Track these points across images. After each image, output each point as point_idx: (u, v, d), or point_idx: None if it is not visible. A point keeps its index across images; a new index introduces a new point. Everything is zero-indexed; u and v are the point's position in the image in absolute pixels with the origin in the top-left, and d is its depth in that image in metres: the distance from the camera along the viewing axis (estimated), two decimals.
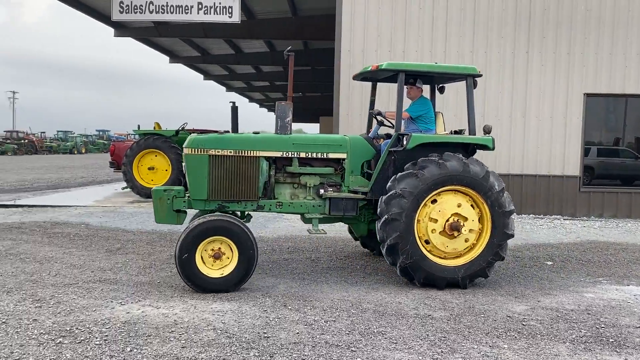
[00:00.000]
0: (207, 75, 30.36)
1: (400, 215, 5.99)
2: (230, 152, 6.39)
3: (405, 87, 6.76)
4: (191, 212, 6.86)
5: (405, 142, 6.35)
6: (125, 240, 8.68)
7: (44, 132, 60.11)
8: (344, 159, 6.68)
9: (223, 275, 5.83)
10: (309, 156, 6.62)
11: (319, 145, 6.66)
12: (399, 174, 6.19)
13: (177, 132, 14.51)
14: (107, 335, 4.43)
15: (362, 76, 7.21)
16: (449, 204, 6.16)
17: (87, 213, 11.39)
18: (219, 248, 5.84)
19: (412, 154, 6.31)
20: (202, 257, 5.81)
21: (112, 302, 5.39)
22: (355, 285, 6.34)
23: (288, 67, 6.98)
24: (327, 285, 6.32)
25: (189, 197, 6.41)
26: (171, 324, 4.76)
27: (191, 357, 4.06)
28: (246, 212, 6.87)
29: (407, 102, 6.88)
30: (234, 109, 7.26)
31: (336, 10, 12.50)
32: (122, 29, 17.99)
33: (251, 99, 43.62)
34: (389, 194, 6.09)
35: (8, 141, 49.75)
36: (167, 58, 24.30)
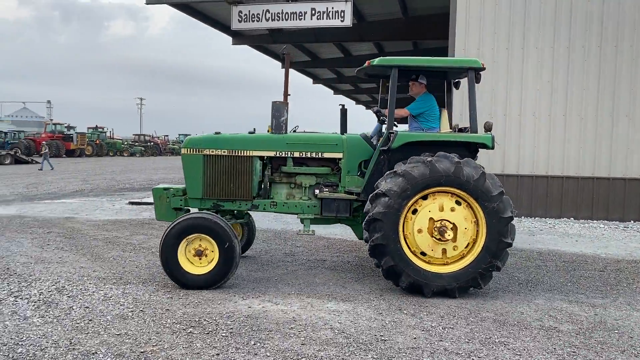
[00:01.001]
0: (316, 79, 30.98)
1: (384, 215, 5.66)
2: (224, 152, 6.46)
3: (409, 83, 6.55)
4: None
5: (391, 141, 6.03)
6: (263, 239, 9.08)
7: (167, 135, 64.96)
8: (340, 159, 6.48)
9: (206, 272, 5.83)
10: (304, 156, 6.50)
11: (313, 144, 6.51)
12: (387, 172, 5.89)
13: None
14: (232, 328, 4.67)
15: (364, 73, 6.79)
16: (439, 206, 5.75)
17: None
18: (200, 245, 5.84)
19: (406, 153, 5.94)
20: (185, 255, 5.83)
21: (234, 296, 5.67)
22: (472, 292, 6.13)
23: (287, 66, 6.83)
24: None
25: (186, 196, 6.55)
26: (290, 321, 4.91)
27: (311, 354, 4.15)
28: (244, 212, 6.86)
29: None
30: (343, 112, 7.34)
31: (450, 8, 12.20)
32: (240, 37, 18.91)
33: (358, 101, 43.83)
34: (374, 193, 5.80)
35: (136, 144, 54.35)
36: (279, 64, 25.16)
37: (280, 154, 6.51)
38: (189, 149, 6.54)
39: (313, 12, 12.77)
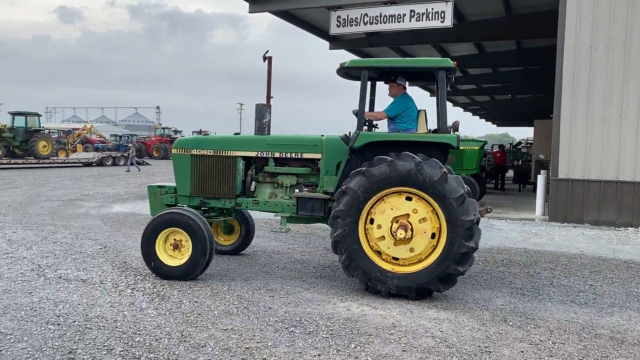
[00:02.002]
0: (412, 82, 30.57)
1: (345, 212, 5.70)
2: (210, 152, 6.72)
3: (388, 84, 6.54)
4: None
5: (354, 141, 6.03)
6: None
7: None
8: (319, 159, 6.50)
9: (181, 264, 6.11)
10: (284, 156, 6.62)
11: (292, 145, 6.60)
12: (353, 172, 5.84)
13: None
14: (332, 330, 4.72)
15: (344, 72, 6.54)
16: (398, 206, 5.68)
17: None
18: (177, 239, 6.14)
19: (378, 154, 5.83)
20: (164, 248, 6.17)
21: (333, 297, 5.72)
22: (584, 306, 5.74)
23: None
24: (550, 303, 5.83)
25: (177, 193, 6.86)
26: (390, 326, 4.86)
27: None
28: (232, 210, 6.98)
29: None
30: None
31: (559, 5, 11.53)
32: (337, 41, 19.13)
33: (455, 103, 42.69)
34: (339, 191, 5.85)
35: None
36: None
37: (262, 154, 6.68)
38: (178, 149, 6.88)
39: (412, 13, 12.62)
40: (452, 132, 6.00)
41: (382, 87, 6.91)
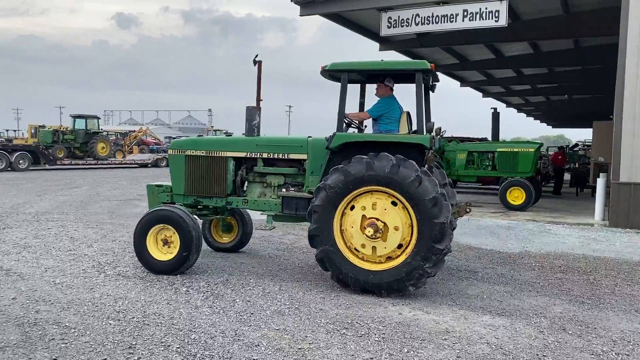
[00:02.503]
0: (464, 82, 30.00)
1: (320, 207, 5.88)
2: (202, 152, 6.98)
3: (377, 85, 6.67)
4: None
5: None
6: None
7: None
8: (304, 160, 6.63)
9: (170, 258, 6.36)
10: (271, 157, 6.80)
11: (279, 146, 6.78)
12: (332, 168, 5.98)
13: None
14: (384, 334, 4.68)
15: (328, 74, 6.53)
16: (372, 205, 5.80)
17: None
18: (167, 234, 6.41)
19: (356, 155, 5.92)
20: (155, 243, 6.44)
21: (384, 301, 5.68)
22: None
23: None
24: (612, 312, 5.59)
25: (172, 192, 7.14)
26: (443, 332, 4.78)
27: None
28: (224, 208, 7.23)
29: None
30: (495, 115, 7.03)
31: (622, 2, 11.04)
32: (387, 43, 19.00)
33: (509, 104, 41.58)
34: (317, 187, 6.02)
35: None
36: None
37: (251, 155, 6.87)
38: (174, 150, 7.20)
39: (465, 13, 12.39)
40: (427, 133, 6.03)
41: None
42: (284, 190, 6.73)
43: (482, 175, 15.56)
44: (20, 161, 26.08)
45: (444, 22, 12.78)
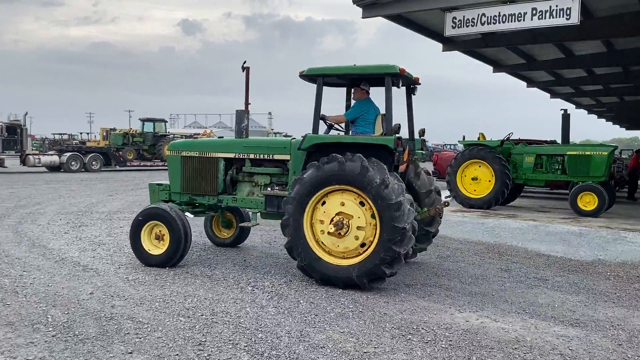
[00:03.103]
0: (531, 83, 28.92)
1: (288, 220, 6.21)
2: (196, 153, 7.38)
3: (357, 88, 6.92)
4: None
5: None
6: (454, 248, 8.91)
7: None
8: (288, 161, 6.88)
9: (161, 252, 6.80)
10: (258, 157, 7.11)
11: (264, 147, 7.11)
12: (310, 163, 6.26)
13: (502, 142, 14.26)
14: (451, 340, 4.59)
15: (308, 79, 6.78)
16: (334, 203, 6.11)
17: None
18: (160, 231, 6.85)
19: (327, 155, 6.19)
20: (149, 238, 6.90)
21: (450, 307, 5.56)
22: None
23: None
24: None
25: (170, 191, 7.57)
26: (512, 340, 4.63)
27: None
28: (218, 206, 7.57)
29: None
30: (566, 117, 6.77)
31: None
32: (451, 43, 18.59)
33: (579, 105, 39.75)
34: (293, 180, 6.36)
35: None
36: (490, 68, 24.13)
37: (240, 155, 7.21)
38: (171, 151, 7.66)
39: (534, 11, 11.93)
40: (393, 135, 6.24)
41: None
42: (269, 189, 7.05)
43: (551, 180, 14.94)
44: (93, 162, 27.50)
45: (511, 21, 12.36)
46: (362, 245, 6.04)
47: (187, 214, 7.45)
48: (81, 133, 59.01)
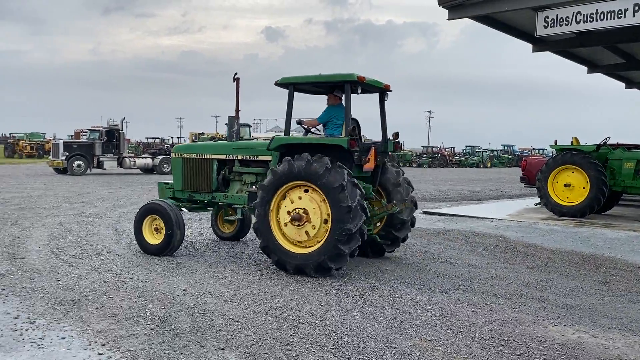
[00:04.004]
0: (630, 83, 27.03)
1: (258, 205, 6.89)
2: (194, 155, 8.26)
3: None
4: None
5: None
6: (545, 258, 8.49)
7: (453, 147, 65.62)
8: (269, 161, 7.48)
9: (158, 242, 7.61)
10: (245, 158, 7.84)
11: (250, 149, 7.84)
12: (284, 158, 6.86)
13: (598, 147, 13.42)
14: (545, 355, 4.37)
15: (282, 86, 7.40)
16: (296, 197, 6.75)
17: (503, 226, 11.70)
18: (158, 224, 7.65)
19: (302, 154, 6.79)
20: (150, 230, 7.73)
21: (543, 320, 5.31)
22: None
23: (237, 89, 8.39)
24: None
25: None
26: (614, 358, 4.34)
27: None
28: (213, 202, 8.33)
29: None
30: None
31: None
32: (542, 43, 17.77)
33: None
34: (268, 170, 7.10)
35: (424, 155, 56.33)
36: (584, 69, 22.82)
37: (230, 157, 7.95)
38: (175, 154, 8.61)
39: (636, 8, 11.14)
40: (347, 136, 6.85)
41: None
42: (253, 187, 7.61)
43: None
44: None
45: (610, 19, 11.62)
46: (315, 237, 6.64)
47: (183, 209, 8.36)
48: (172, 137, 62.13)
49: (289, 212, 6.73)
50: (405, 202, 7.62)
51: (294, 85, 7.30)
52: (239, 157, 7.90)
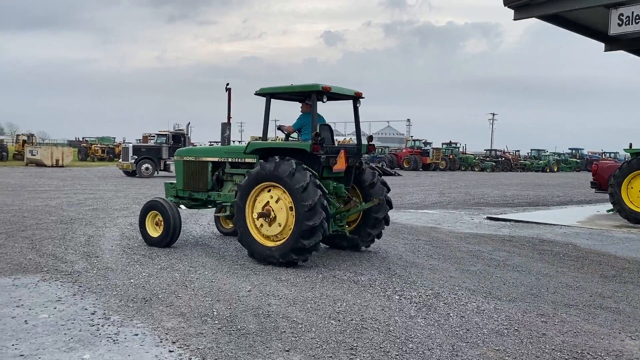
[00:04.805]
0: None
1: (235, 203, 7.67)
2: (192, 158, 9.08)
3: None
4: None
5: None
6: (620, 268, 8.06)
7: (518, 151, 63.40)
8: (254, 163, 8.07)
9: (158, 235, 8.46)
10: (235, 160, 8.60)
11: (237, 152, 8.55)
12: (261, 162, 7.57)
13: None
14: None
15: (263, 97, 8.18)
16: (266, 196, 7.45)
17: (572, 233, 11.21)
18: (159, 219, 8.47)
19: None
20: (152, 224, 8.59)
21: (620, 333, 5.04)
22: None
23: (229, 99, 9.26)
24: None
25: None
26: None
27: None
28: (210, 201, 9.13)
29: None
30: None
31: None
32: (615, 42, 16.91)
33: None
34: (246, 172, 7.89)
35: (487, 159, 54.83)
36: None
37: (222, 159, 8.75)
38: (177, 157, 9.42)
39: None
40: (312, 141, 7.48)
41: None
42: None
43: None
44: None
45: None
46: (283, 233, 7.29)
47: (181, 207, 9.11)
48: (234, 141, 63.43)
49: (261, 210, 7.46)
50: (374, 199, 8.14)
51: (270, 95, 8.09)
52: (230, 160, 8.69)
